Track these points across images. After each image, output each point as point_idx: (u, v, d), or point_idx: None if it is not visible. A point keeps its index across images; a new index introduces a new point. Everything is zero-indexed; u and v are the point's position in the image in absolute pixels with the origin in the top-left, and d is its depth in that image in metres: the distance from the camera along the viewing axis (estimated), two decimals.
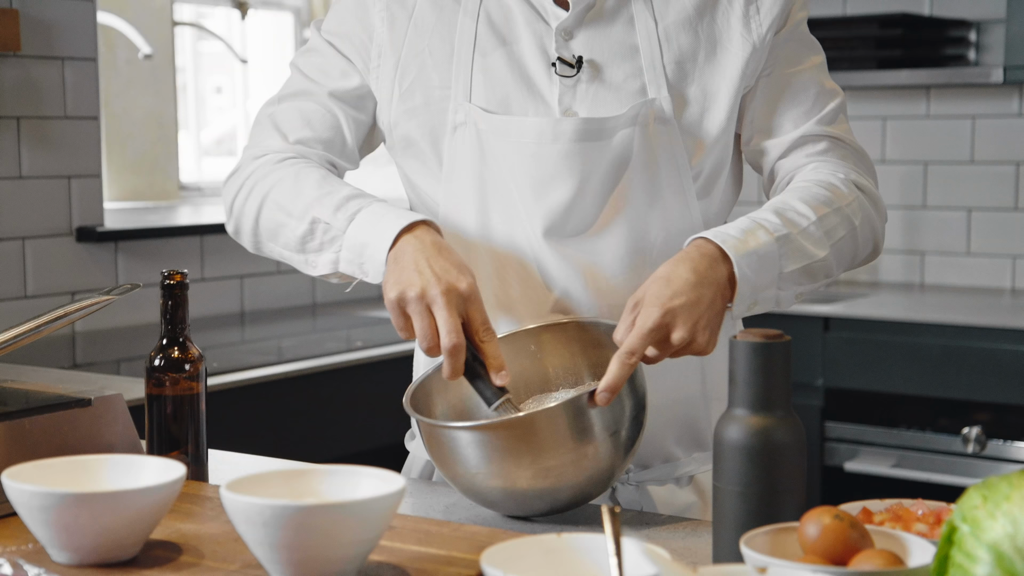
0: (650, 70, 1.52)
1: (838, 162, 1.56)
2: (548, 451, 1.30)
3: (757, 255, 1.39)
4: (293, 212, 1.50)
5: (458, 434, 1.32)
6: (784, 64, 1.57)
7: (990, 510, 0.95)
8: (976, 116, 3.65)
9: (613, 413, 1.33)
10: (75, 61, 2.98)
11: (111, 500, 1.12)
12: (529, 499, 1.34)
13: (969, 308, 3.30)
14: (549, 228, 1.51)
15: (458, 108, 1.53)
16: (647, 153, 1.51)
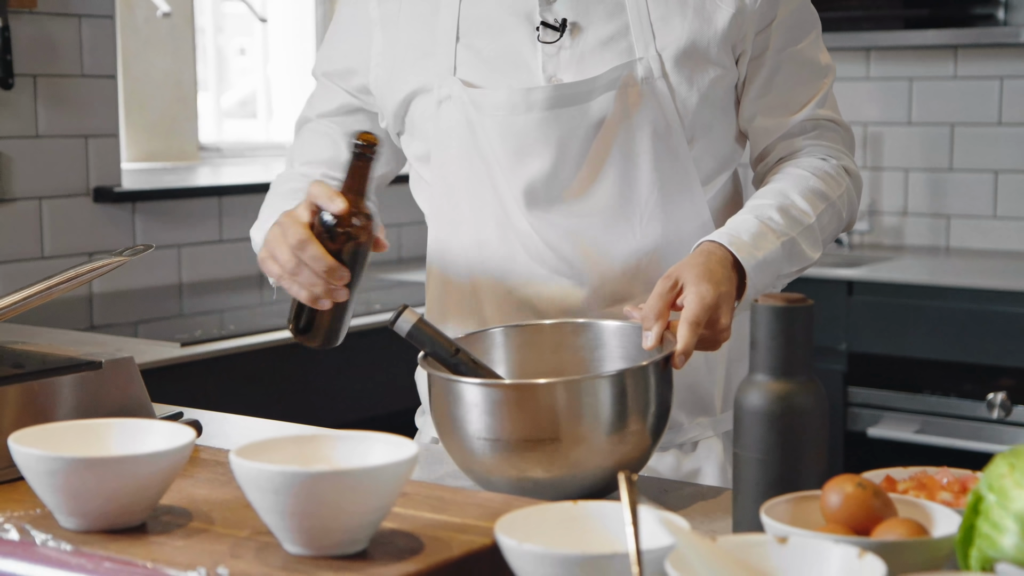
0: (636, 27, 1.49)
1: (829, 146, 1.59)
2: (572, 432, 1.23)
3: (766, 263, 1.43)
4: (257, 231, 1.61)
5: (470, 392, 1.25)
6: (791, 42, 1.56)
7: (1018, 479, 0.93)
8: (1004, 77, 3.59)
9: (643, 398, 1.27)
10: (92, 18, 2.96)
11: (119, 465, 1.10)
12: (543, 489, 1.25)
13: (995, 272, 3.26)
14: (531, 197, 1.50)
15: (443, 83, 1.52)
16: (631, 115, 1.49)
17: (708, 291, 1.33)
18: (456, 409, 1.27)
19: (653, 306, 1.34)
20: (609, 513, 1.04)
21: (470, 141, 1.51)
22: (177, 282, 3.15)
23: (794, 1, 1.56)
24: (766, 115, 1.57)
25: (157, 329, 2.70)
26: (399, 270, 3.48)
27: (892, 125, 3.76)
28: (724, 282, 1.37)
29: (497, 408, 1.24)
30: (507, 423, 1.24)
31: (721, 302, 1.35)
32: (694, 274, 1.35)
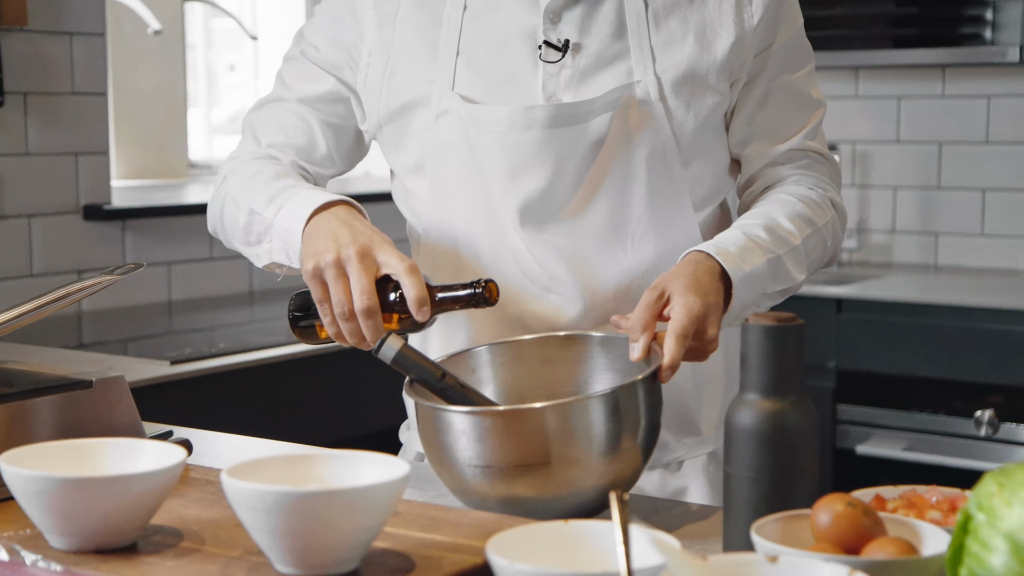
0: (637, 51, 1.50)
1: (817, 177, 1.59)
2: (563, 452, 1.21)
3: (751, 277, 1.43)
4: (240, 205, 1.53)
5: (459, 420, 1.24)
6: (785, 71, 1.57)
7: (1007, 498, 0.94)
8: (992, 96, 3.61)
9: (631, 417, 1.26)
10: (83, 36, 2.96)
11: (110, 485, 1.10)
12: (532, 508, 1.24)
13: (983, 290, 3.28)
14: (526, 215, 1.50)
15: (441, 97, 1.52)
16: (628, 136, 1.50)
17: (695, 302, 1.33)
18: (445, 437, 1.25)
19: (640, 317, 1.33)
20: (601, 532, 1.04)
21: (468, 157, 1.51)
22: (167, 300, 3.15)
23: (790, 31, 1.57)
24: (754, 141, 1.58)
25: (147, 347, 2.70)
26: None
27: (881, 143, 3.78)
28: (712, 293, 1.36)
29: (486, 435, 1.23)
30: (497, 449, 1.22)
31: (709, 313, 1.35)
32: (681, 285, 1.35)
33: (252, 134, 1.63)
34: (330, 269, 1.37)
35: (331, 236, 1.39)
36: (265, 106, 1.64)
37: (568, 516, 1.22)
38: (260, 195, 1.51)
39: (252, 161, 1.59)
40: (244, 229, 1.53)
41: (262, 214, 1.50)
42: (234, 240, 1.58)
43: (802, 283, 1.52)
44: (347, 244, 1.37)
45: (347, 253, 1.36)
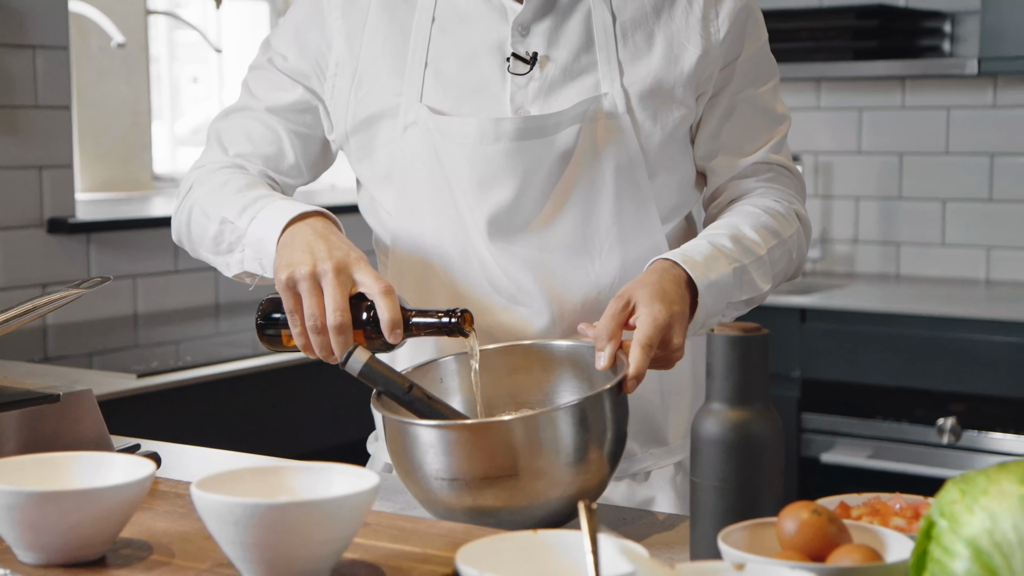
0: (604, 64, 1.51)
1: (782, 190, 1.61)
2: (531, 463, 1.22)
3: (717, 286, 1.43)
4: (210, 215, 1.53)
5: (426, 434, 1.24)
6: (749, 85, 1.59)
7: (968, 504, 0.95)
8: (951, 107, 3.65)
9: (599, 427, 1.26)
10: (46, 50, 2.95)
11: (78, 498, 1.10)
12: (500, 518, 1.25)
13: (944, 299, 3.31)
14: (494, 227, 1.50)
15: (409, 109, 1.52)
16: (595, 149, 1.50)
17: (661, 311, 1.34)
18: (412, 450, 1.26)
19: (605, 326, 1.34)
20: (569, 542, 1.05)
21: (435, 168, 1.52)
22: (132, 313, 3.14)
23: (755, 45, 1.58)
24: (720, 154, 1.59)
25: (113, 360, 2.68)
26: None
27: (842, 154, 3.81)
28: (677, 301, 1.37)
29: (453, 448, 1.23)
30: (464, 462, 1.23)
31: (674, 322, 1.35)
32: (647, 294, 1.35)
33: (218, 143, 1.62)
34: (304, 281, 1.37)
35: (307, 248, 1.39)
36: (231, 115, 1.64)
37: (536, 526, 1.22)
38: (231, 204, 1.50)
39: (220, 170, 1.58)
40: (214, 238, 1.53)
41: (234, 223, 1.49)
42: (202, 249, 1.57)
43: (767, 294, 1.53)
44: (324, 258, 1.37)
45: (323, 267, 1.36)
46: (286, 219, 1.43)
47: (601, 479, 1.29)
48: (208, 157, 1.63)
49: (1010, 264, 3.62)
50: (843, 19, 3.55)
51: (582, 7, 1.52)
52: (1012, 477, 0.96)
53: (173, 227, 1.63)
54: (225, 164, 1.60)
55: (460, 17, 1.53)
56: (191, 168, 1.64)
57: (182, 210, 1.60)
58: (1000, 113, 3.59)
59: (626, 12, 1.53)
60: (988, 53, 3.30)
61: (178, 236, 1.63)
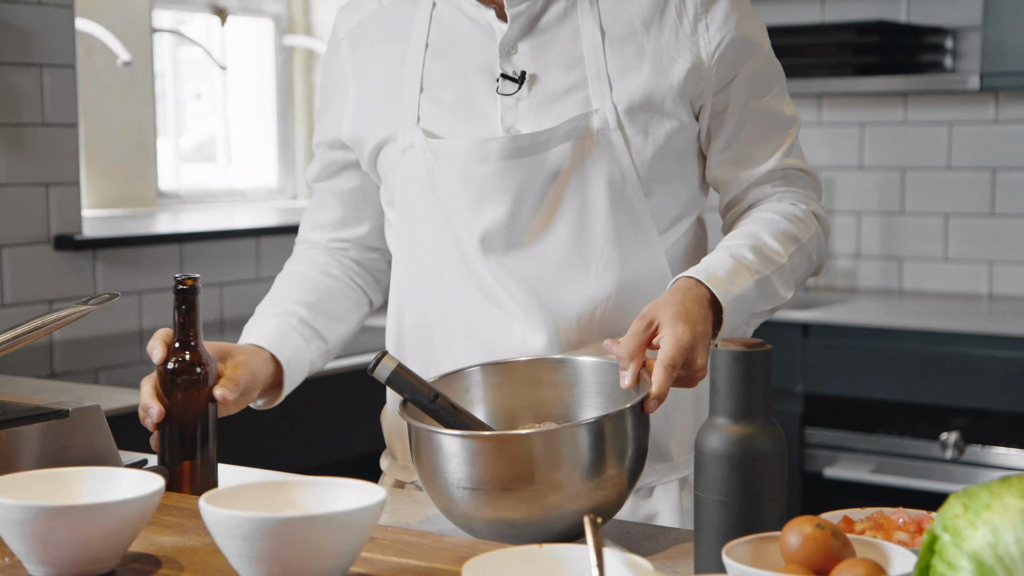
0: (595, 80, 1.52)
1: (799, 192, 1.62)
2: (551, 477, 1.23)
3: (741, 300, 1.44)
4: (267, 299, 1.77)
5: (449, 443, 1.25)
6: (756, 95, 1.58)
7: (971, 519, 0.95)
8: (953, 122, 3.66)
9: (620, 442, 1.28)
10: (53, 68, 2.97)
11: (88, 513, 1.11)
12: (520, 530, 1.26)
13: (947, 314, 3.32)
14: (487, 244, 1.52)
15: (406, 133, 1.56)
16: (587, 165, 1.51)
17: (684, 332, 1.34)
18: (435, 458, 1.27)
19: (628, 345, 1.35)
20: (575, 556, 1.06)
21: (430, 189, 1.54)
22: (138, 329, 3.15)
23: (757, 61, 1.58)
24: (733, 167, 1.59)
25: (119, 376, 2.69)
26: None
27: (844, 170, 3.83)
28: (700, 321, 1.38)
29: (475, 458, 1.24)
30: (485, 472, 1.24)
31: (697, 342, 1.36)
32: (670, 314, 1.36)
33: (303, 222, 1.80)
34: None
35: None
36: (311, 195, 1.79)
37: (554, 539, 1.24)
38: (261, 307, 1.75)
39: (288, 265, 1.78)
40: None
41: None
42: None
43: (790, 301, 1.54)
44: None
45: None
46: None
47: (619, 494, 1.30)
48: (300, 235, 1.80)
49: (1012, 279, 3.63)
50: (844, 35, 3.57)
51: (569, 24, 1.53)
52: (1014, 491, 0.96)
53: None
54: (297, 252, 1.78)
55: (451, 41, 1.56)
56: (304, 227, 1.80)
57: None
58: (1002, 128, 3.60)
59: (615, 27, 1.53)
60: (989, 68, 3.31)
61: None
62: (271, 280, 1.81)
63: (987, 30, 3.30)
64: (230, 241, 3.36)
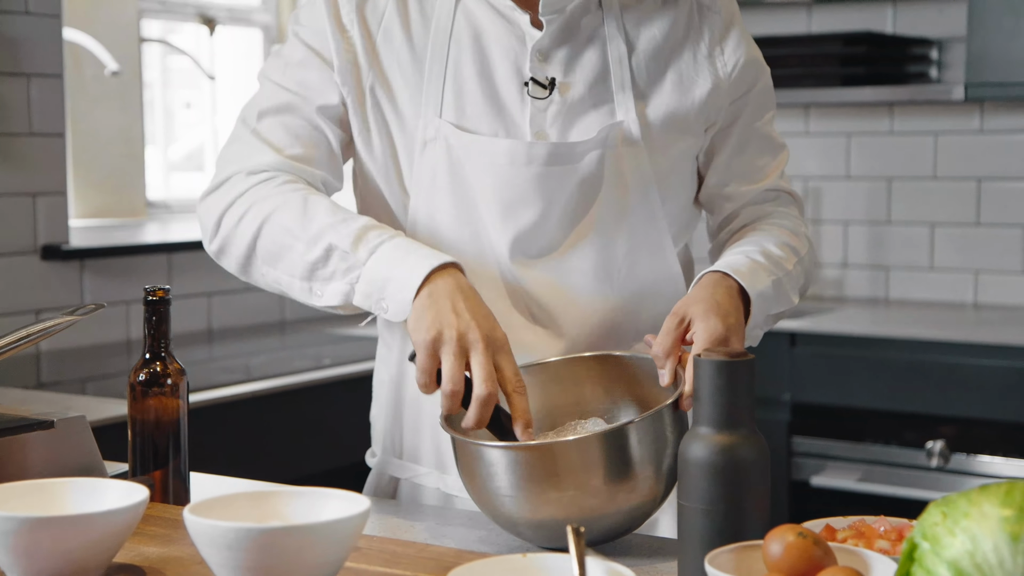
0: (619, 93, 1.54)
1: (791, 214, 1.67)
2: (587, 478, 1.27)
3: (763, 296, 1.48)
4: (302, 236, 1.45)
5: (494, 455, 1.29)
6: (757, 117, 1.64)
7: (950, 527, 0.96)
8: (938, 133, 3.68)
9: (657, 444, 1.31)
10: (41, 77, 2.97)
11: (73, 524, 1.11)
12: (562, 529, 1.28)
13: (933, 323, 3.33)
14: (515, 248, 1.53)
15: (428, 124, 1.53)
16: (615, 175, 1.54)
17: (716, 325, 1.38)
18: (480, 467, 1.31)
19: (663, 343, 1.38)
20: (558, 565, 1.07)
21: (459, 185, 1.52)
22: (125, 339, 3.15)
23: (764, 78, 1.65)
24: (736, 182, 1.64)
25: (106, 386, 2.69)
26: (349, 325, 3.50)
27: (831, 179, 3.84)
28: (732, 313, 1.41)
29: (513, 467, 1.29)
30: (523, 479, 1.28)
31: (731, 333, 1.39)
32: (701, 309, 1.39)
33: (264, 144, 1.54)
34: (451, 344, 1.33)
35: (452, 308, 1.35)
36: (269, 115, 1.56)
37: (595, 541, 1.31)
38: (337, 230, 1.44)
39: (290, 184, 1.51)
40: (312, 264, 1.45)
41: (349, 252, 1.43)
42: (269, 266, 1.50)
43: (793, 308, 1.57)
44: (471, 326, 1.34)
45: (472, 336, 1.33)
46: (426, 269, 1.38)
47: (655, 495, 1.33)
48: (256, 160, 1.54)
49: (998, 288, 3.64)
50: (831, 46, 3.58)
51: (598, 38, 1.56)
52: (993, 500, 0.97)
53: (215, 237, 1.55)
54: (285, 169, 1.53)
55: (478, 33, 1.54)
56: (228, 168, 1.54)
57: (240, 221, 1.51)
58: (987, 138, 3.62)
59: (640, 45, 1.57)
60: (974, 79, 3.33)
61: (222, 247, 1.55)
62: (259, 290, 1.79)
63: (972, 41, 3.32)
64: None
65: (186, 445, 1.47)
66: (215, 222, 1.54)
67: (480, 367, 1.33)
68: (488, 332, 1.34)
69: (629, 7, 1.58)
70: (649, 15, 1.58)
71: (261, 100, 1.58)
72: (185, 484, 1.47)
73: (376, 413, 1.68)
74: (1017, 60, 3.26)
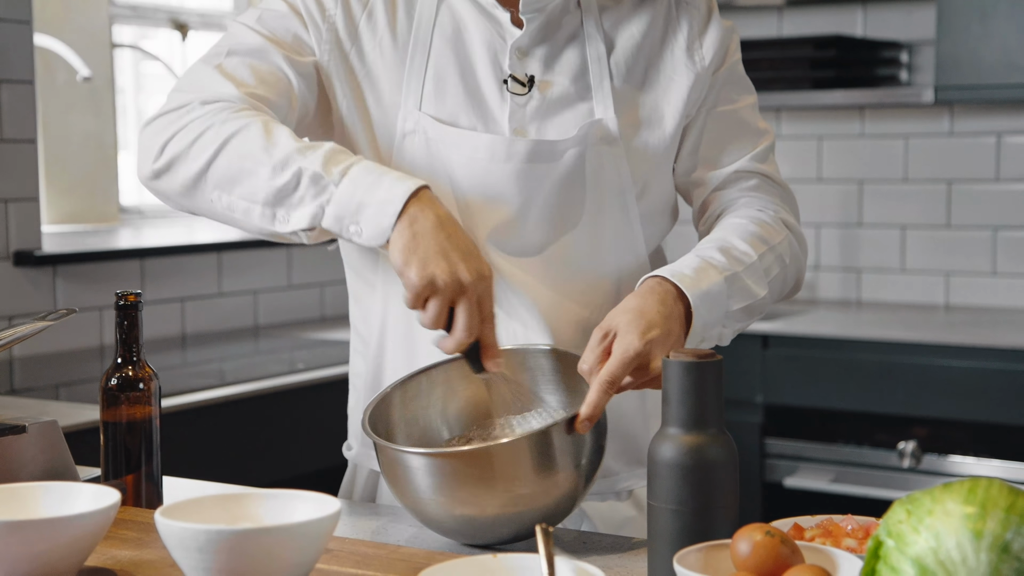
0: (598, 90, 1.55)
1: (767, 199, 1.63)
2: (511, 481, 1.29)
3: (710, 296, 1.44)
4: (266, 162, 1.40)
5: (416, 460, 1.30)
6: (723, 102, 1.63)
7: (914, 524, 0.97)
8: (909, 135, 3.71)
9: (577, 444, 1.33)
10: (12, 83, 2.96)
11: (44, 527, 1.11)
12: (490, 528, 1.33)
13: (904, 324, 3.35)
14: (493, 243, 1.53)
15: (408, 116, 1.53)
16: (593, 173, 1.54)
17: (632, 343, 1.35)
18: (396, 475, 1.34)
19: (587, 359, 1.37)
20: (528, 565, 1.07)
21: (437, 180, 1.51)
22: (99, 345, 3.14)
23: (731, 58, 1.63)
24: (699, 167, 1.63)
25: (79, 392, 2.69)
26: (322, 329, 3.50)
27: (803, 182, 3.86)
28: (659, 323, 1.38)
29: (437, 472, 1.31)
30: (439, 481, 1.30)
31: (653, 347, 1.36)
32: (625, 321, 1.37)
33: (225, 78, 1.49)
34: (443, 291, 1.34)
35: (439, 250, 1.35)
36: (237, 54, 1.52)
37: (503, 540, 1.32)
38: (304, 155, 1.40)
39: (246, 111, 1.46)
40: (279, 188, 1.40)
41: (321, 175, 1.38)
42: (223, 191, 1.44)
43: (767, 300, 1.54)
44: (462, 270, 1.34)
45: (465, 282, 1.35)
46: (403, 196, 1.36)
47: (559, 500, 1.34)
48: (215, 90, 1.48)
49: (968, 289, 3.67)
50: (802, 49, 3.61)
51: (578, 37, 1.57)
52: (956, 498, 0.99)
53: (158, 158, 1.48)
54: (244, 102, 1.47)
55: (460, 28, 1.55)
56: (183, 96, 1.49)
57: (192, 145, 1.44)
58: (957, 141, 3.65)
59: (619, 44, 1.58)
60: (944, 82, 3.36)
61: (164, 169, 1.47)
62: (233, 295, 1.80)
63: (941, 44, 3.35)
64: (192, 256, 3.36)
65: (158, 449, 1.47)
66: (162, 143, 1.47)
67: (465, 314, 1.35)
68: (476, 274, 1.35)
69: (607, 8, 1.59)
70: (627, 15, 1.59)
71: (230, 40, 1.54)
72: (158, 488, 1.47)
73: (353, 405, 1.68)
74: (986, 63, 3.29)
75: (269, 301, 3.56)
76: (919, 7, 3.67)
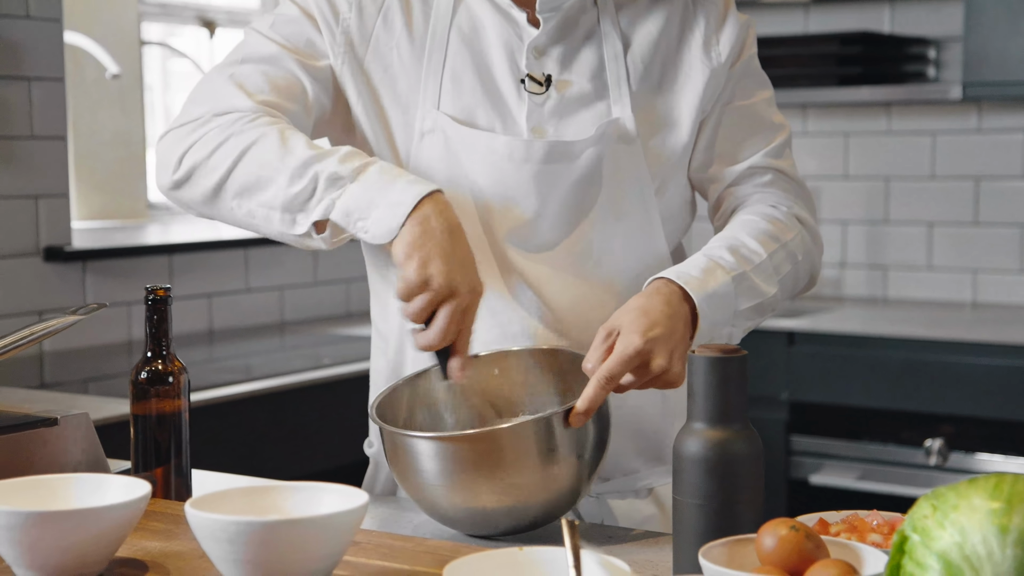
0: (615, 89, 1.55)
1: (781, 194, 1.62)
2: (512, 469, 1.30)
3: (717, 296, 1.44)
4: (283, 169, 1.42)
5: (420, 444, 1.32)
6: (739, 96, 1.63)
7: (939, 520, 0.97)
8: (936, 132, 3.69)
9: (579, 435, 1.34)
10: (42, 81, 2.98)
11: (76, 518, 1.13)
12: (491, 518, 1.34)
13: (931, 322, 3.34)
14: (512, 242, 1.54)
15: (426, 115, 1.54)
16: (611, 172, 1.54)
17: (632, 342, 1.35)
18: (402, 461, 1.36)
19: (591, 357, 1.38)
20: (553, 558, 1.08)
21: (456, 179, 1.52)
22: (127, 339, 3.16)
23: (747, 53, 1.63)
24: (714, 163, 1.62)
25: (108, 386, 2.71)
26: (347, 325, 3.51)
27: (829, 179, 3.86)
28: (662, 323, 1.38)
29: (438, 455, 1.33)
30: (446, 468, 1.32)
31: (654, 346, 1.36)
32: (627, 321, 1.38)
33: (238, 88, 1.51)
34: (432, 293, 1.36)
35: (441, 254, 1.37)
36: (250, 62, 1.53)
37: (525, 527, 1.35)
38: (321, 160, 1.42)
39: (263, 119, 1.48)
40: (296, 194, 1.42)
41: (336, 172, 1.41)
42: (243, 199, 1.46)
43: (777, 298, 1.53)
44: (456, 280, 1.37)
45: (456, 289, 1.37)
46: (415, 197, 1.38)
47: (560, 493, 1.35)
48: (228, 103, 1.50)
49: (996, 287, 3.66)
50: (828, 46, 3.60)
51: (594, 36, 1.57)
52: (981, 493, 0.98)
53: (176, 170, 1.50)
54: (258, 112, 1.49)
55: (477, 28, 1.56)
56: (196, 108, 1.52)
57: (212, 155, 1.47)
58: (984, 138, 3.63)
59: (635, 42, 1.57)
60: (972, 78, 3.34)
61: (183, 180, 1.49)
62: (259, 291, 1.81)
63: (969, 40, 3.33)
64: (219, 252, 3.38)
65: (187, 442, 1.48)
66: (179, 155, 1.50)
67: (445, 318, 1.37)
68: (468, 287, 1.38)
69: (624, 6, 1.59)
70: (644, 12, 1.59)
71: (245, 48, 1.56)
72: (187, 481, 1.48)
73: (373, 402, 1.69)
74: (1014, 59, 3.28)
75: (295, 297, 3.57)
76: (946, 3, 3.65)
